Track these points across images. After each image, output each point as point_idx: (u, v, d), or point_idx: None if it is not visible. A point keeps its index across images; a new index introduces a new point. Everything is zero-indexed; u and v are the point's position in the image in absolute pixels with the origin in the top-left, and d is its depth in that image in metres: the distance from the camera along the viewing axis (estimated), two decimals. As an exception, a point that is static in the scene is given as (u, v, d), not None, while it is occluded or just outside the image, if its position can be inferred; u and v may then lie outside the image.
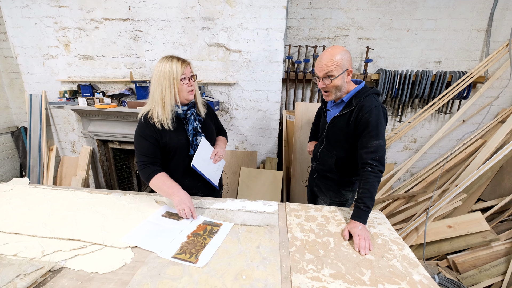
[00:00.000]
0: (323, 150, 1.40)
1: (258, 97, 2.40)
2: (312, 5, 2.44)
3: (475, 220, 2.10)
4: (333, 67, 1.14)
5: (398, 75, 2.35)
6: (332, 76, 1.16)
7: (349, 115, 1.21)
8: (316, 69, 1.20)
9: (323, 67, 1.16)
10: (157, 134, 1.22)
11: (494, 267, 1.96)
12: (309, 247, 0.95)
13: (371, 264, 0.87)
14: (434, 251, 2.18)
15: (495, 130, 2.37)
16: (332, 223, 1.11)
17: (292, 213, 1.19)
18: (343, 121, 1.23)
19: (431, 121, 2.62)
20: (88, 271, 0.82)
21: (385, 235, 1.04)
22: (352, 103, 1.20)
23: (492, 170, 2.28)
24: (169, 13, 2.22)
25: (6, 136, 3.10)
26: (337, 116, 1.26)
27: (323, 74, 1.17)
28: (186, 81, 1.18)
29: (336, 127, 1.28)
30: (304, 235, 1.02)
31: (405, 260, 0.90)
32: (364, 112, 1.14)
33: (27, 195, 1.33)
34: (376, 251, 0.94)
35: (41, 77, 2.57)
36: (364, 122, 1.14)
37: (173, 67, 1.13)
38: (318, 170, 1.47)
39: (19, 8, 2.36)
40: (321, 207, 1.26)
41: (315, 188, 1.54)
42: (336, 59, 1.13)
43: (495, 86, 2.42)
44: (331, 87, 1.18)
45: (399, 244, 0.99)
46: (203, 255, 0.89)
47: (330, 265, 0.86)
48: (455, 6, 2.28)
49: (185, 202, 1.12)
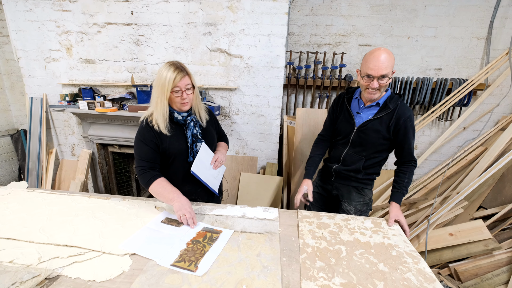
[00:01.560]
0: (348, 153, 1.40)
1: (259, 103, 2.40)
2: (313, 12, 2.46)
3: (477, 228, 2.08)
4: (389, 68, 1.19)
5: (398, 82, 2.36)
6: (387, 76, 1.19)
7: (387, 118, 1.27)
8: (371, 69, 1.20)
9: (382, 68, 1.18)
10: (157, 139, 1.21)
11: (496, 276, 1.94)
12: (320, 255, 0.93)
13: (384, 276, 0.84)
14: (435, 259, 2.16)
15: (496, 137, 2.37)
16: (345, 231, 1.09)
17: (304, 219, 1.18)
18: (379, 124, 1.29)
19: (432, 128, 2.62)
20: (85, 279, 0.80)
21: (400, 247, 1.01)
22: (389, 106, 1.27)
23: (493, 178, 2.27)
24: (171, 18, 2.24)
25: (6, 138, 3.10)
26: (372, 119, 1.29)
27: (380, 75, 1.19)
28: (179, 93, 1.15)
29: (369, 130, 1.31)
30: (316, 242, 1.01)
31: (421, 274, 0.86)
32: (406, 117, 1.25)
33: (25, 199, 1.31)
34: (390, 262, 0.92)
35: (42, 80, 2.57)
36: (407, 127, 1.26)
37: (167, 76, 1.11)
38: (340, 172, 1.45)
39: (22, 12, 2.37)
40: (334, 215, 1.24)
41: (335, 192, 1.51)
42: (392, 60, 1.19)
43: (496, 94, 2.43)
44: (383, 86, 1.22)
45: (415, 258, 0.95)
46: (203, 263, 0.88)
47: (341, 274, 0.84)
48: (455, 14, 2.30)
49: (185, 208, 1.10)
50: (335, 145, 1.49)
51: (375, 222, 1.19)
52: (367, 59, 1.21)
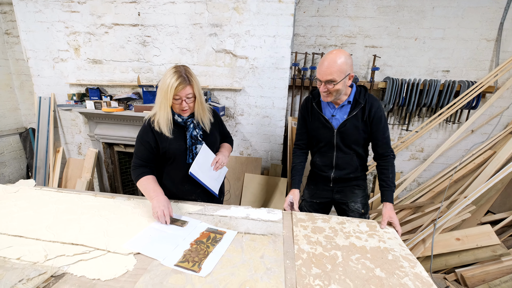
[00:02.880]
0: (339, 157, 1.39)
1: (263, 103, 2.40)
2: (319, 13, 2.45)
3: (485, 233, 2.04)
4: (335, 73, 1.16)
5: (405, 84, 2.33)
6: (334, 81, 1.17)
7: (361, 112, 1.29)
8: (318, 73, 1.21)
9: (326, 73, 1.17)
10: (156, 139, 1.24)
11: (505, 282, 1.89)
12: (316, 261, 0.92)
13: (381, 282, 0.83)
14: (441, 264, 2.12)
15: (505, 141, 2.32)
16: (340, 236, 1.08)
17: (298, 223, 1.17)
18: (356, 120, 1.29)
19: (439, 131, 2.58)
20: (90, 278, 0.81)
21: (395, 251, 1.00)
22: (360, 102, 1.28)
23: (502, 182, 2.23)
24: (178, 19, 2.25)
25: (15, 137, 3.16)
26: (348, 118, 1.29)
27: (325, 80, 1.18)
28: (178, 101, 1.18)
29: (349, 128, 1.31)
30: (311, 248, 0.99)
31: (418, 278, 0.86)
32: (376, 108, 1.27)
33: (32, 197, 1.34)
34: (386, 267, 0.91)
35: (50, 80, 2.62)
36: (378, 117, 1.28)
37: (169, 83, 1.12)
38: (337, 178, 1.43)
39: (32, 13, 2.42)
40: (329, 217, 1.23)
41: (337, 196, 1.49)
42: (338, 65, 1.15)
43: (505, 97, 2.38)
44: (333, 91, 1.21)
45: (411, 261, 0.94)
46: (206, 264, 0.88)
47: (338, 281, 0.83)
48: (464, 15, 2.26)
49: (159, 206, 1.12)
50: (320, 152, 1.44)
51: (370, 225, 1.18)
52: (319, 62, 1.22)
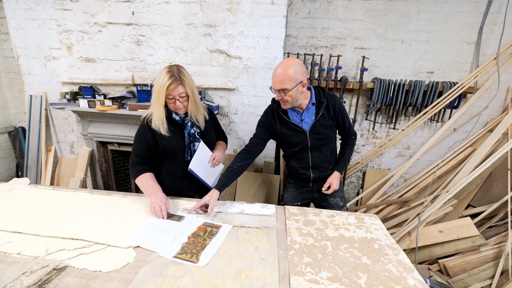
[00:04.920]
0: (314, 157, 1.46)
1: (257, 103, 2.45)
2: (310, 15, 2.52)
3: (465, 226, 2.17)
4: (286, 82, 1.21)
5: (392, 84, 2.43)
6: (286, 90, 1.23)
7: (326, 111, 1.39)
8: (272, 82, 1.27)
9: (277, 82, 1.23)
10: (154, 137, 1.27)
11: (483, 271, 2.02)
12: (307, 251, 0.98)
13: (367, 268, 0.90)
14: (426, 255, 2.24)
15: (484, 138, 2.46)
16: (330, 228, 1.15)
17: (291, 217, 1.22)
18: (323, 119, 1.39)
19: (424, 129, 2.71)
20: (92, 270, 0.84)
21: (381, 240, 1.07)
22: (322, 101, 1.38)
23: (481, 177, 2.36)
24: (172, 19, 2.27)
25: (3, 136, 3.09)
26: (317, 119, 1.37)
27: (278, 88, 1.24)
28: (172, 101, 1.21)
29: (320, 128, 1.38)
30: (303, 239, 1.05)
31: (401, 265, 0.92)
32: (338, 103, 1.41)
33: (28, 195, 1.35)
34: (372, 255, 0.97)
35: (42, 78, 2.58)
36: (342, 110, 1.43)
37: (162, 83, 1.15)
38: (318, 178, 1.51)
39: (23, 10, 2.39)
40: (320, 211, 1.30)
41: (316, 194, 1.57)
42: (289, 74, 1.20)
43: (484, 97, 2.52)
44: (287, 98, 1.27)
45: (395, 250, 1.01)
46: (204, 255, 0.93)
47: (327, 268, 0.89)
48: (447, 19, 2.38)
49: (157, 202, 1.16)
50: (295, 156, 1.49)
51: (358, 218, 1.25)
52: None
